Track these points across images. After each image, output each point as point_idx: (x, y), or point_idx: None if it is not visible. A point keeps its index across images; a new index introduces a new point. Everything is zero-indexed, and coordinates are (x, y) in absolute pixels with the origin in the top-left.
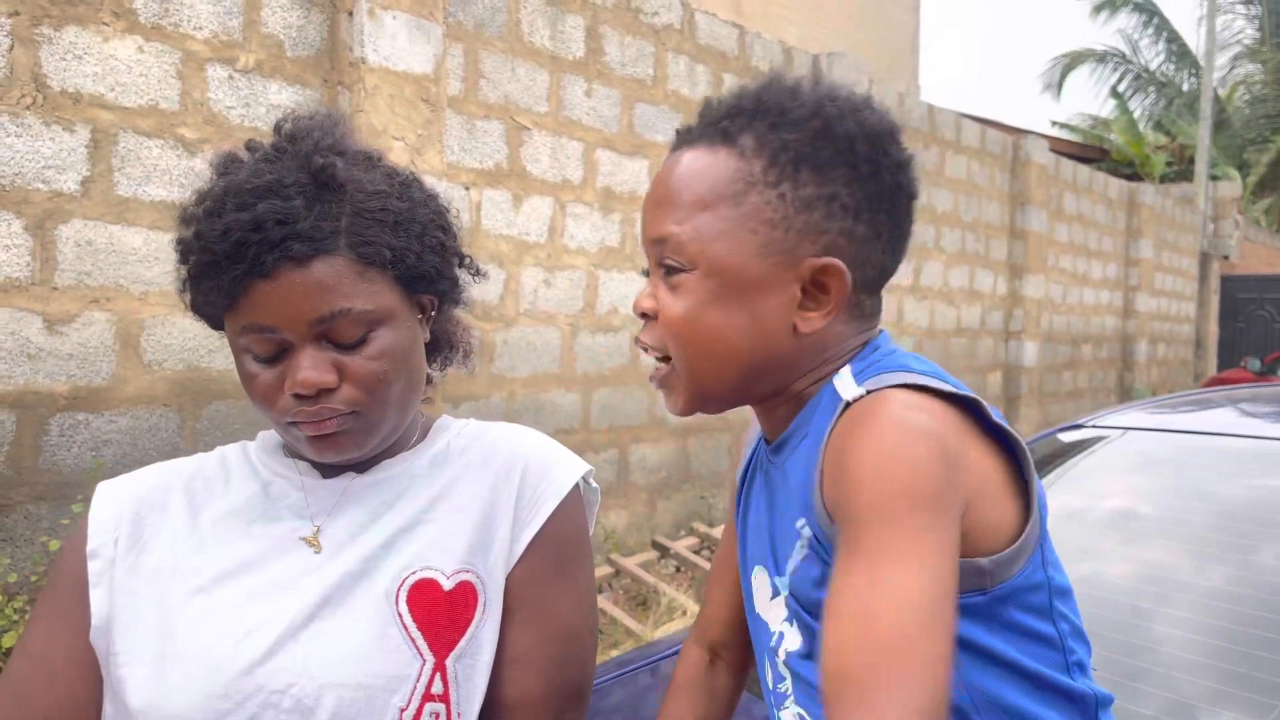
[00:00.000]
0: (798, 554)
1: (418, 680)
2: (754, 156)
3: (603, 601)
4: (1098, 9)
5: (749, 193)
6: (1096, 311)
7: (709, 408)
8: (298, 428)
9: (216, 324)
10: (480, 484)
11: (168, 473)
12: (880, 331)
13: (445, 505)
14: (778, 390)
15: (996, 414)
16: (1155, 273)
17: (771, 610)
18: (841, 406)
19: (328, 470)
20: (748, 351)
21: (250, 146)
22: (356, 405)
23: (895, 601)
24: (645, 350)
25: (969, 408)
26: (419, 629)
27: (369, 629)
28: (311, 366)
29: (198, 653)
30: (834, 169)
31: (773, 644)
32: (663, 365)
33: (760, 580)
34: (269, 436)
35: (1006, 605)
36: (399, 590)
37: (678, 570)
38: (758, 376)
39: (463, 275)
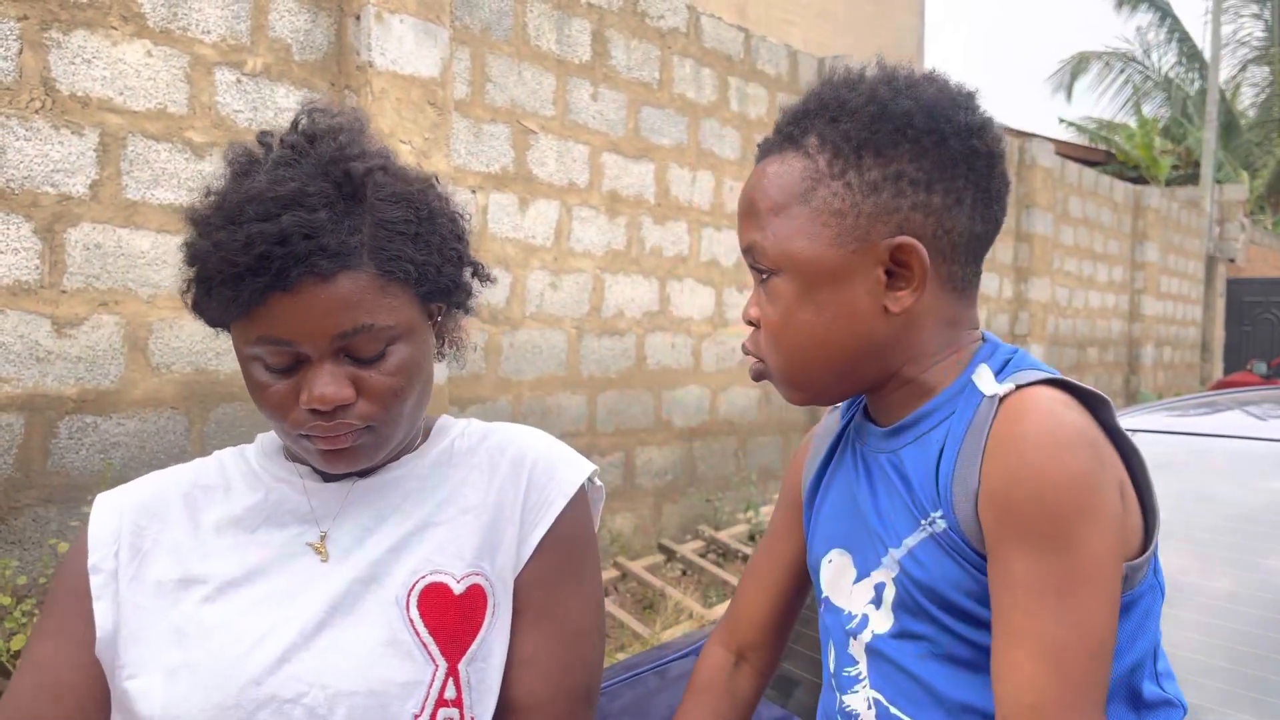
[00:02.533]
0: (914, 538)
1: (431, 686)
2: (818, 153)
3: (609, 605)
4: (1120, 3)
5: (816, 188)
6: (1102, 315)
7: (820, 400)
8: (310, 440)
9: (218, 325)
10: (487, 485)
11: (165, 482)
12: (983, 332)
13: (453, 508)
14: (887, 374)
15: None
16: (1161, 276)
17: (853, 595)
18: (995, 403)
19: (329, 473)
20: (843, 344)
21: (264, 142)
22: (372, 420)
23: (1086, 643)
24: (748, 354)
25: (1099, 406)
26: (430, 634)
27: (380, 635)
28: (330, 382)
29: (207, 662)
30: (896, 148)
31: (851, 627)
32: (761, 364)
33: (839, 564)
34: (268, 439)
35: (1133, 609)
36: (409, 595)
37: (684, 574)
38: (860, 365)
39: (473, 282)
